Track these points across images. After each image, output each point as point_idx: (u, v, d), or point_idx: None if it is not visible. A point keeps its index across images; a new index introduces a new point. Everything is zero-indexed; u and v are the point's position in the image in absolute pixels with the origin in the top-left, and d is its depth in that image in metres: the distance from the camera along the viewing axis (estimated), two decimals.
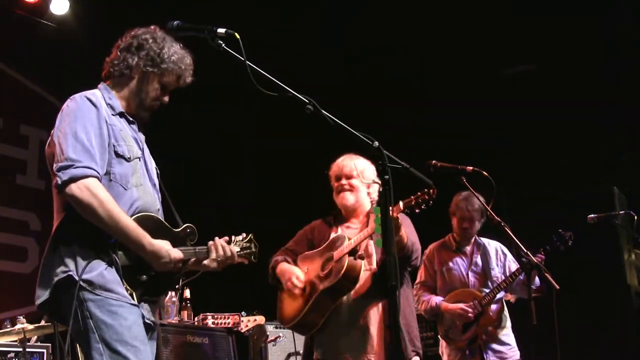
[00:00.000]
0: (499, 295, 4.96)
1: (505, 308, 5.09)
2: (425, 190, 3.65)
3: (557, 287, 4.77)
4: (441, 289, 5.16)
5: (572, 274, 5.19)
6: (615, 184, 6.32)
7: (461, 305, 4.96)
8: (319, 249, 4.06)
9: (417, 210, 3.68)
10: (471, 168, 4.15)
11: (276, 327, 5.80)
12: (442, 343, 5.18)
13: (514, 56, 7.30)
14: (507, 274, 4.94)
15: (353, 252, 3.88)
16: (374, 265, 3.94)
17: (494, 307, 4.96)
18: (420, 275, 5.27)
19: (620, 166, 7.07)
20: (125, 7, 6.39)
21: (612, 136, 7.05)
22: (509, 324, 5.06)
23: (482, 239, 5.18)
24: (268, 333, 5.73)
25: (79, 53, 6.62)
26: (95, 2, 6.80)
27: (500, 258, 5.11)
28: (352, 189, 4.13)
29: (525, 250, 4.36)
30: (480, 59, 7.27)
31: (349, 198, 4.13)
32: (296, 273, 4.01)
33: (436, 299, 5.10)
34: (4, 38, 6.80)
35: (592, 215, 4.99)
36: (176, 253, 2.80)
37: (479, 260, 5.09)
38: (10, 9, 6.72)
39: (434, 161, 4.13)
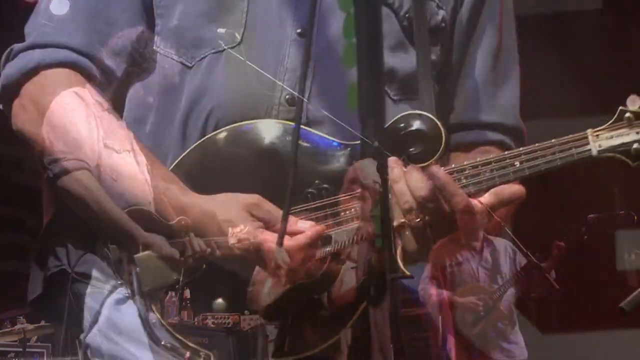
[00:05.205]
0: (509, 292, 4.92)
1: (514, 307, 5.05)
2: None
3: (557, 287, 4.78)
4: (450, 284, 5.11)
5: (572, 274, 5.18)
6: None
7: (471, 299, 4.94)
8: None
9: None
10: None
11: (276, 327, 5.77)
12: (450, 339, 5.13)
13: None
14: (517, 270, 4.90)
15: (336, 255, 3.87)
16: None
17: (505, 303, 4.92)
18: (427, 269, 5.21)
19: None
20: None
21: None
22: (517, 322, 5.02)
23: (489, 236, 5.13)
24: (268, 333, 5.71)
25: None
26: None
27: (510, 254, 5.07)
28: None
29: (526, 251, 4.35)
30: None
31: None
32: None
33: (445, 293, 5.04)
34: (4, 38, 6.78)
35: (592, 216, 4.97)
36: (167, 250, 2.77)
37: (488, 256, 5.04)
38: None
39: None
